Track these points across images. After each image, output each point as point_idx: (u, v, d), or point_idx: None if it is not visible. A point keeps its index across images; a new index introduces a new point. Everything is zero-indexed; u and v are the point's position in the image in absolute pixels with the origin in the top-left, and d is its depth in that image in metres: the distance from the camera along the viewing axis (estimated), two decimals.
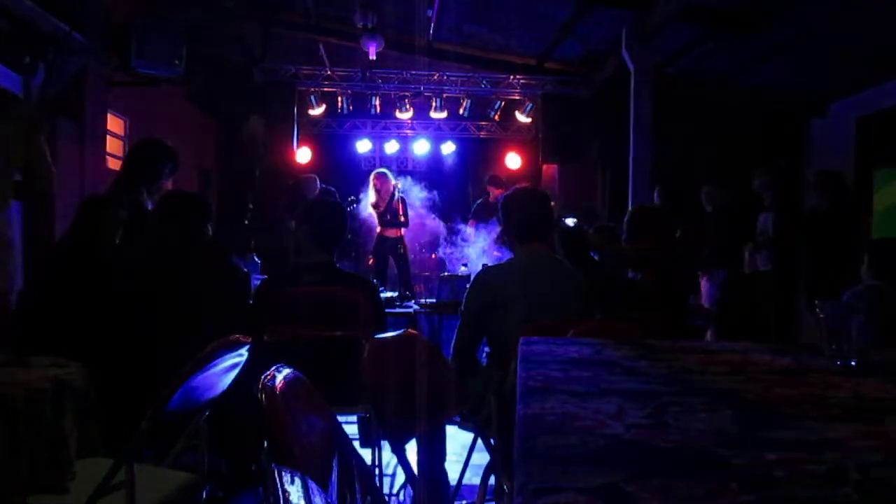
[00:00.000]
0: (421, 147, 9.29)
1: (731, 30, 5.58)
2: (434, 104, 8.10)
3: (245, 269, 3.04)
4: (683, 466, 0.78)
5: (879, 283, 3.21)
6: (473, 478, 2.48)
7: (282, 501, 0.84)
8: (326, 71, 7.90)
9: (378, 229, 7.32)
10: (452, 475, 2.64)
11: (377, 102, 8.19)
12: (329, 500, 1.06)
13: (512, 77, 7.97)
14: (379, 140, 9.42)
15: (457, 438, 2.97)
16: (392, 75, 7.95)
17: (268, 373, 1.17)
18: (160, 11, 5.84)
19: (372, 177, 7.31)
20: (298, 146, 8.19)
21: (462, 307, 2.69)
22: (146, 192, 3.75)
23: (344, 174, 8.72)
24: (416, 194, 7.99)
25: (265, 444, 1.04)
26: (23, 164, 3.18)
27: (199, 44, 6.30)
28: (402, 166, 9.34)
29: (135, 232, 3.24)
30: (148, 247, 2.93)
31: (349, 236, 6.95)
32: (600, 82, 7.39)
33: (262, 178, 6.68)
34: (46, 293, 2.81)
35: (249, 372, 1.97)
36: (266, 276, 3.39)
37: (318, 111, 8.31)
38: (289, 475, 0.90)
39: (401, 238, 7.21)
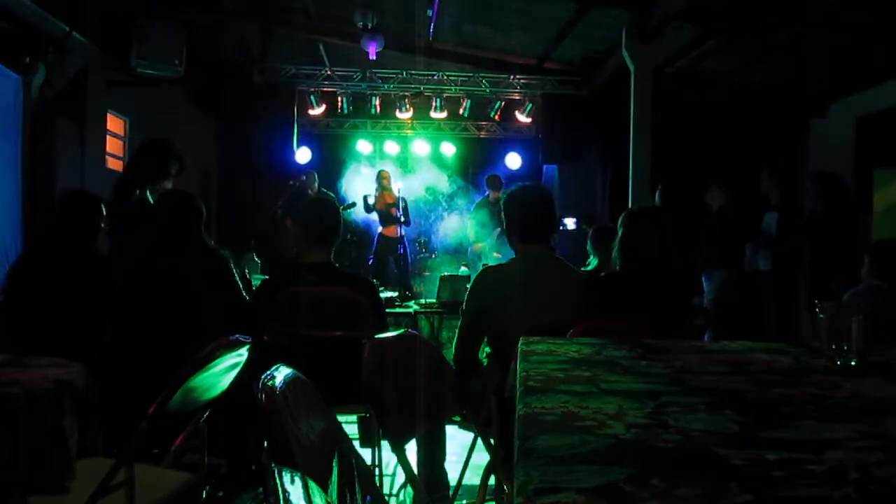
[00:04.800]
0: (421, 147, 9.28)
1: (731, 30, 5.58)
2: (434, 104, 8.09)
3: (224, 254, 3.03)
4: (683, 466, 0.78)
5: (880, 284, 3.20)
6: (473, 478, 2.47)
7: (282, 501, 0.84)
8: (326, 71, 7.89)
9: (379, 229, 7.37)
10: (452, 475, 2.64)
11: (377, 102, 8.19)
12: (329, 500, 1.06)
13: (512, 77, 7.96)
14: (379, 140, 9.42)
15: (457, 438, 2.96)
16: (392, 75, 7.95)
17: (268, 373, 1.17)
18: (160, 11, 5.83)
19: (376, 175, 7.42)
20: (298, 146, 8.18)
21: (462, 307, 2.68)
22: (150, 191, 3.76)
23: (344, 174, 8.70)
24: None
25: (265, 444, 1.04)
26: None
27: (199, 44, 6.30)
28: (403, 166, 9.35)
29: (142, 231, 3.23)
30: (145, 247, 2.93)
31: (349, 236, 6.97)
32: (600, 82, 7.38)
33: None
34: (28, 292, 2.79)
35: (249, 372, 1.96)
36: (266, 277, 3.39)
37: (318, 111, 8.31)
38: (289, 475, 0.90)
39: (401, 238, 7.23)
